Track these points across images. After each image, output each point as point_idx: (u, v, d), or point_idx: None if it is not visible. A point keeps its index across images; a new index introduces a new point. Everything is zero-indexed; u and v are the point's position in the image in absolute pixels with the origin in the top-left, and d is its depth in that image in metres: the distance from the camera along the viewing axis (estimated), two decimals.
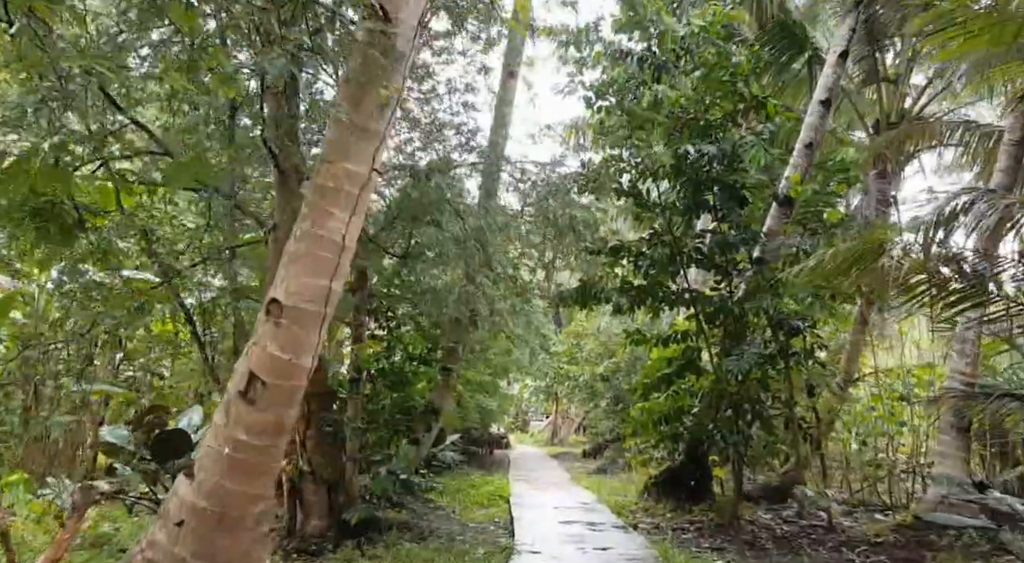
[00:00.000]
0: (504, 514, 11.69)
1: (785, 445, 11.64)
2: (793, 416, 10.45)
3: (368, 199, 4.22)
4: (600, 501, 13.13)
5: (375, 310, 11.12)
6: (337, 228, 4.04)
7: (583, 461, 24.33)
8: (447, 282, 7.90)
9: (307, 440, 8.34)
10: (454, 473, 16.90)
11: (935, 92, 14.53)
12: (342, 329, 12.81)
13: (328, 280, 4.05)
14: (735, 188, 9.77)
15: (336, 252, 4.05)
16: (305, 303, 4.00)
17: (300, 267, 4.02)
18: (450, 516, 11.44)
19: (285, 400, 4.00)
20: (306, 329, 4.01)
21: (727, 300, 10.33)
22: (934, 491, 9.94)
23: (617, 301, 10.71)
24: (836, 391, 12.61)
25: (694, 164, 9.78)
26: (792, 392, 10.46)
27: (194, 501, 3.85)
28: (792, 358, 9.95)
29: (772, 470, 13.95)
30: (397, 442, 9.29)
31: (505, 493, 13.81)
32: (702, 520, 11.08)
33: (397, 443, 9.28)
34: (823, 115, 11.92)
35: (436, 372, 11.97)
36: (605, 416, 22.89)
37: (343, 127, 4.05)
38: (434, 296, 7.77)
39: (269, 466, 4.00)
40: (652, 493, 12.50)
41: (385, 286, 10.18)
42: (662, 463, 14.97)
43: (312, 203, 4.06)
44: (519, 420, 42.34)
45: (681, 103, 9.45)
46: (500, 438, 28.19)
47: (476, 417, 19.72)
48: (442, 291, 7.70)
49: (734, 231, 10.14)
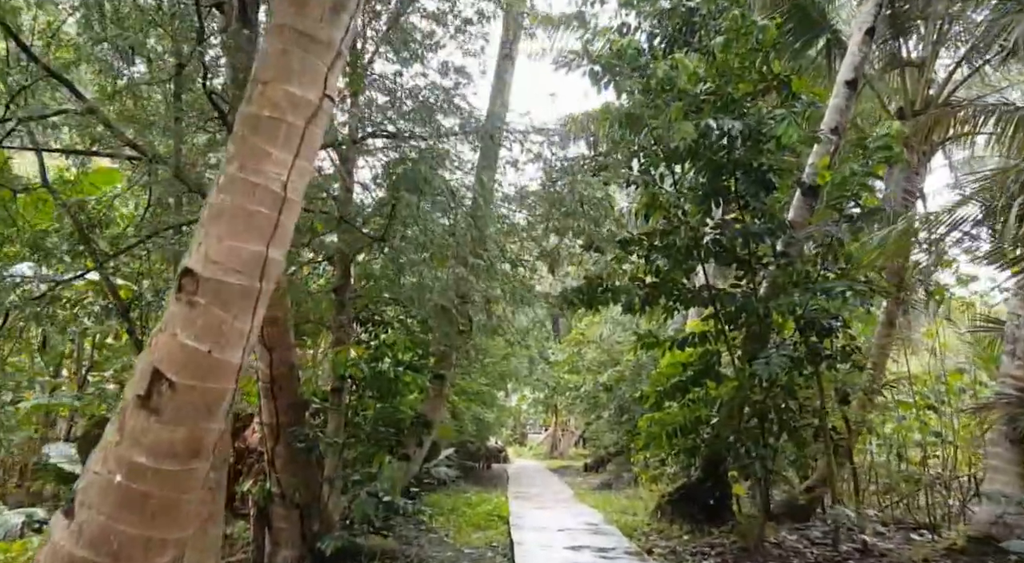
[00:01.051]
0: (503, 537, 10.58)
1: (814, 458, 10.53)
2: (825, 426, 9.36)
3: (320, 136, 3.14)
4: (608, 521, 12.01)
5: (360, 314, 10.05)
6: (276, 174, 2.96)
7: (585, 475, 23.26)
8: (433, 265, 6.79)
9: (276, 458, 7.23)
10: (449, 490, 15.82)
11: (963, 77, 13.51)
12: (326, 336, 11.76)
13: (263, 244, 2.96)
14: (760, 172, 8.72)
15: (274, 206, 2.96)
16: (231, 275, 2.90)
17: (225, 226, 2.93)
18: (443, 540, 10.31)
19: (202, 408, 2.90)
20: (232, 311, 2.92)
21: (751, 298, 9.25)
22: (987, 509, 8.84)
23: (628, 299, 9.63)
24: (864, 398, 11.51)
25: (714, 145, 8.74)
26: (823, 399, 9.38)
27: (71, 551, 2.74)
28: (825, 361, 8.88)
29: (790, 485, 12.86)
30: (381, 458, 8.15)
31: (504, 512, 12.68)
32: (723, 543, 10.00)
33: (381, 459, 8.14)
34: (849, 97, 10.94)
35: (427, 380, 10.89)
36: (608, 428, 21.78)
37: (282, 35, 2.97)
38: (419, 282, 6.67)
39: (179, 501, 2.89)
40: (666, 512, 11.40)
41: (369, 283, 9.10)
42: (674, 479, 13.87)
43: (241, 139, 2.98)
44: (517, 433, 41.63)
45: (699, 74, 8.40)
46: (498, 452, 27.15)
47: (472, 429, 18.63)
48: (428, 276, 6.60)
49: (758, 220, 9.09)
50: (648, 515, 12.11)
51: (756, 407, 9.47)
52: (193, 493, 2.95)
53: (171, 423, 2.85)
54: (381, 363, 9.45)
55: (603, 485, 19.19)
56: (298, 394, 7.31)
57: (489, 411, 20.03)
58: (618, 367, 20.34)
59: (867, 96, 14.00)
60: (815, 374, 9.19)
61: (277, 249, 3.01)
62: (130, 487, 2.81)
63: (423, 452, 10.82)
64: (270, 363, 6.96)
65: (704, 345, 10.01)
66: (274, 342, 6.94)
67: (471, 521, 11.98)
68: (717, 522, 10.79)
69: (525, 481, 20.67)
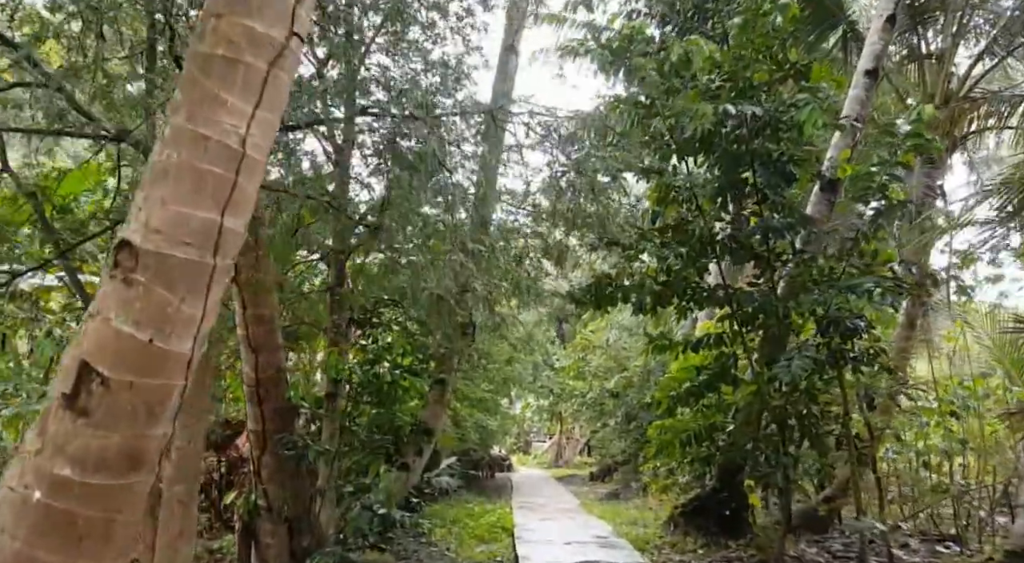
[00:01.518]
0: (507, 551, 10.04)
1: (836, 466, 9.97)
2: (849, 432, 8.79)
3: (287, 83, 2.63)
4: (618, 534, 11.46)
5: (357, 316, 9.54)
6: (232, 126, 2.45)
7: (591, 485, 22.70)
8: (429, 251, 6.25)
9: (262, 468, 6.71)
10: (451, 500, 15.26)
11: (984, 70, 12.99)
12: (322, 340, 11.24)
13: (217, 211, 2.45)
14: (780, 162, 8.21)
15: (230, 165, 2.45)
16: (177, 248, 2.39)
17: (170, 189, 2.41)
18: (444, 554, 9.77)
19: (142, 410, 2.38)
20: (179, 291, 2.40)
21: (769, 297, 8.72)
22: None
23: (639, 299, 9.09)
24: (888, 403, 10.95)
25: (730, 134, 8.24)
26: (847, 404, 8.82)
27: None
28: (850, 363, 8.32)
29: (805, 495, 12.29)
30: (376, 468, 7.61)
31: (508, 524, 12.12)
32: (740, 557, 9.49)
33: (376, 469, 7.61)
34: (869, 87, 10.46)
35: (427, 386, 10.38)
36: (615, 436, 21.20)
37: None
38: (414, 272, 6.15)
39: (113, 523, 2.37)
40: (679, 524, 10.86)
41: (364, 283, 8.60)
42: (686, 489, 13.31)
43: (190, 83, 2.47)
44: (521, 441, 41.14)
45: (715, 59, 7.89)
46: (502, 460, 26.62)
47: (475, 438, 18.08)
48: (422, 260, 6.07)
49: (778, 214, 8.57)
50: (660, 527, 11.56)
51: (775, 413, 8.92)
52: (131, 513, 2.43)
53: (103, 428, 2.34)
54: (379, 366, 8.93)
55: (610, 495, 18.63)
56: (286, 399, 6.78)
57: (492, 418, 19.48)
58: (625, 373, 19.80)
59: (884, 90, 13.49)
60: (838, 377, 8.65)
61: (235, 217, 2.50)
62: (51, 506, 2.29)
63: (423, 461, 10.32)
64: (256, 365, 6.46)
65: (719, 347, 9.47)
66: (260, 343, 6.44)
67: (474, 533, 11.43)
68: (733, 535, 10.26)
69: (530, 490, 20.10)
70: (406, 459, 10.04)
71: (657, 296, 9.13)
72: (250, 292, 6.21)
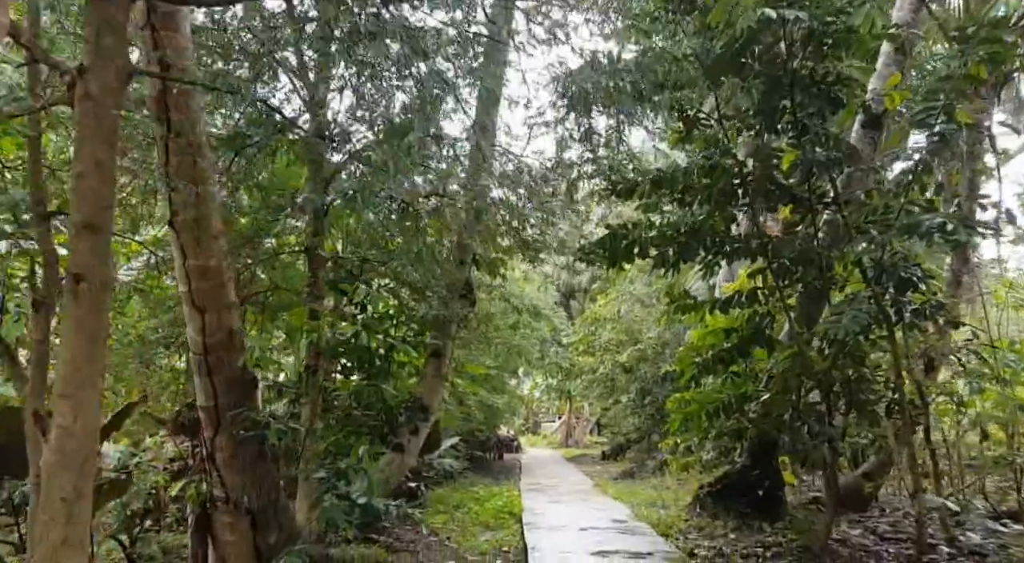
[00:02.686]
0: (515, 538, 8.96)
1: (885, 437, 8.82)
2: (903, 399, 7.61)
3: None
4: (637, 517, 10.36)
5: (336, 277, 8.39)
6: None
7: (604, 464, 21.68)
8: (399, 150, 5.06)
9: (216, 451, 5.59)
10: (456, 483, 14.23)
11: None
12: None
13: None
14: (826, 84, 6.98)
15: None
16: None
17: None
18: (444, 544, 8.68)
19: None
20: None
21: (811, 245, 7.52)
22: None
23: (661, 252, 7.92)
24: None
25: (764, 55, 7.03)
26: (899, 367, 7.63)
27: None
28: (912, 318, 7.11)
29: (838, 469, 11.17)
30: (358, 449, 6.45)
31: (516, 509, 11.03)
32: (779, 542, 8.37)
33: (358, 449, 6.45)
34: (916, 8, 9.18)
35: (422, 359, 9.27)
36: (628, 413, 20.11)
37: None
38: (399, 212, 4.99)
39: None
40: (706, 506, 9.76)
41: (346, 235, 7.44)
42: (709, 467, 12.22)
43: None
44: (530, 421, 40.35)
45: None
46: (510, 441, 25.62)
47: (480, 417, 16.98)
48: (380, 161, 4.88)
49: (820, 148, 7.34)
50: (683, 509, 10.47)
51: (818, 379, 7.75)
52: None
53: None
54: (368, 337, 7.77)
55: (625, 474, 17.56)
56: (239, 366, 5.60)
57: (498, 397, 18.38)
58: (639, 346, 18.64)
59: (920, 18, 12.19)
60: (888, 336, 7.45)
61: None
62: None
63: (419, 442, 9.21)
64: (202, 328, 5.31)
65: (752, 306, 8.30)
66: (206, 300, 5.29)
67: (478, 519, 10.36)
68: (768, 517, 9.17)
69: (539, 471, 19.06)
70: (400, 440, 8.95)
71: (682, 247, 7.95)
72: (190, 237, 5.05)
